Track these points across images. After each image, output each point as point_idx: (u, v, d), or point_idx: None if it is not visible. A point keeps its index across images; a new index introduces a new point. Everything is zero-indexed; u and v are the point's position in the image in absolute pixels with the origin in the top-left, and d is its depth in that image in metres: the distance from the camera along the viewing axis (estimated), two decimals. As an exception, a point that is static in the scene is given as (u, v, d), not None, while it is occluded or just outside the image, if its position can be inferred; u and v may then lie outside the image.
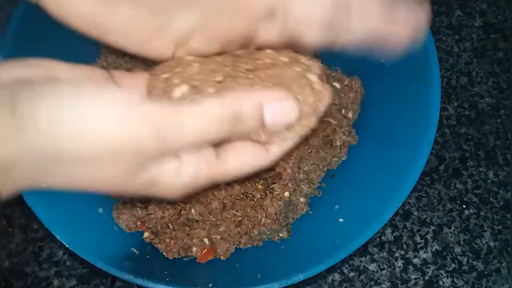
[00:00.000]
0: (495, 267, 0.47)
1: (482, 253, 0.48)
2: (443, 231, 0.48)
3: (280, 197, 0.42)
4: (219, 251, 0.41)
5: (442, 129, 0.52)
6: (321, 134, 0.44)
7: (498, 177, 0.50)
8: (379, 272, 0.47)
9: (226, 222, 0.41)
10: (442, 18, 0.57)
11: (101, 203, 0.42)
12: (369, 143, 0.44)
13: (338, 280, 0.46)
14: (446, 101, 0.53)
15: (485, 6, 0.58)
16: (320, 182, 0.44)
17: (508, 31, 0.57)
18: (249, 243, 0.42)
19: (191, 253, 0.41)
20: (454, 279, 0.47)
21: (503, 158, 0.51)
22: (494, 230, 0.48)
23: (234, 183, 0.42)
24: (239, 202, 0.42)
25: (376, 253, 0.47)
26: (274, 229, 0.42)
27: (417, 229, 0.48)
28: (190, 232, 0.41)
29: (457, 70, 0.55)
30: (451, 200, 0.50)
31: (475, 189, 0.50)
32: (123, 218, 0.41)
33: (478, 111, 0.53)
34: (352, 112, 0.45)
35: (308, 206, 0.43)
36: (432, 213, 0.49)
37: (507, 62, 0.55)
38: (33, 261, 0.46)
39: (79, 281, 0.45)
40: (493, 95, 0.54)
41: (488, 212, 0.49)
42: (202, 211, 0.41)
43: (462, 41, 0.56)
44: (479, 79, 0.55)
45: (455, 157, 0.51)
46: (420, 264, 0.47)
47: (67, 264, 0.46)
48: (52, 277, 0.45)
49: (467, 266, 0.47)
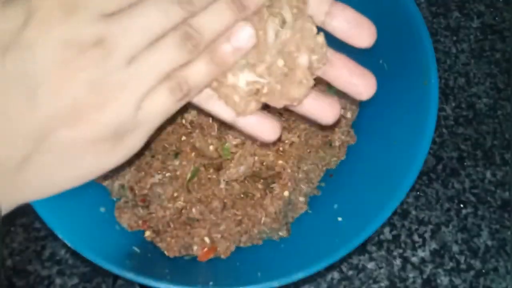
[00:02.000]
0: (493, 265, 0.47)
1: (480, 252, 0.48)
2: (441, 230, 0.49)
3: (279, 197, 0.42)
4: (219, 250, 0.41)
5: (440, 129, 0.52)
6: (320, 134, 0.44)
7: (496, 177, 0.51)
8: (377, 271, 0.47)
9: (227, 221, 0.42)
10: (440, 20, 0.57)
11: (103, 202, 0.42)
12: (368, 143, 0.44)
13: (337, 278, 0.46)
14: (444, 102, 0.54)
15: (482, 8, 0.58)
16: (319, 182, 0.45)
17: (505, 32, 0.57)
18: (249, 241, 0.42)
19: (192, 252, 0.41)
20: (452, 278, 0.47)
21: (501, 158, 0.52)
22: (491, 229, 0.49)
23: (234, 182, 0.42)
24: (239, 201, 0.42)
25: (375, 252, 0.48)
26: (274, 228, 0.42)
27: (415, 228, 0.49)
28: (191, 231, 0.41)
29: (455, 71, 0.55)
30: (449, 199, 0.50)
31: (473, 189, 0.50)
32: (125, 217, 0.42)
33: (475, 112, 0.53)
34: (351, 112, 0.46)
35: (308, 205, 0.43)
36: (430, 212, 0.49)
37: (504, 63, 0.56)
38: (35, 259, 0.46)
39: (81, 279, 0.46)
40: (491, 95, 0.54)
41: (485, 211, 0.49)
42: (202, 210, 0.42)
43: (460, 42, 0.56)
44: (477, 80, 0.55)
45: (452, 157, 0.52)
46: (418, 262, 0.47)
47: (69, 262, 0.46)
48: (54, 275, 0.46)
49: (465, 265, 0.47)
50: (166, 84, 0.23)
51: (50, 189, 0.23)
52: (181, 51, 0.23)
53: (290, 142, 0.43)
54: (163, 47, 0.22)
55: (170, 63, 0.23)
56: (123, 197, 0.43)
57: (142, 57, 0.22)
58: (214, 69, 0.24)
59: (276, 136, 0.27)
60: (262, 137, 0.27)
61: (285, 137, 0.43)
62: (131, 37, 0.22)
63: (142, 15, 0.22)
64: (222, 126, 0.43)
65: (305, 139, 0.44)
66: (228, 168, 0.42)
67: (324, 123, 0.28)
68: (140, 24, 0.22)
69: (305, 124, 0.44)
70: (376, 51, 0.44)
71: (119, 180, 0.43)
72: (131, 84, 0.22)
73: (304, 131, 0.44)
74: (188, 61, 0.23)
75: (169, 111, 0.24)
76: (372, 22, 0.27)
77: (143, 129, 0.24)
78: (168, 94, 0.23)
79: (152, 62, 0.22)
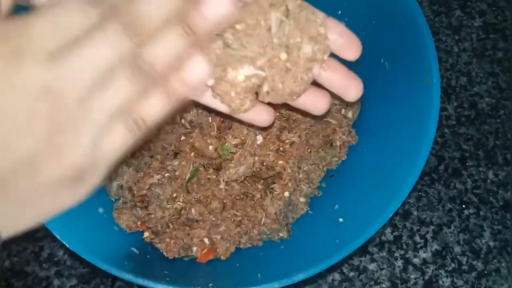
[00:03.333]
0: (495, 266, 0.47)
1: (482, 253, 0.48)
2: (443, 231, 0.48)
3: (280, 197, 0.42)
4: (219, 251, 0.41)
5: (441, 129, 0.52)
6: (321, 134, 0.44)
7: (498, 177, 0.50)
8: (379, 272, 0.47)
9: (226, 222, 0.41)
10: (442, 18, 0.57)
11: (101, 202, 0.42)
12: (369, 143, 0.44)
13: (338, 279, 0.46)
14: (446, 101, 0.54)
15: (484, 6, 0.58)
16: (320, 182, 0.44)
17: (507, 31, 0.57)
18: (249, 242, 0.42)
19: (191, 253, 0.41)
20: (454, 279, 0.47)
21: (503, 158, 0.51)
22: (493, 230, 0.49)
23: (234, 182, 0.42)
24: (239, 202, 0.42)
25: (376, 253, 0.47)
26: (274, 229, 0.42)
27: (417, 229, 0.48)
28: (190, 232, 0.41)
29: (456, 70, 0.55)
30: (450, 200, 0.50)
31: (475, 189, 0.50)
32: (124, 218, 0.41)
33: (477, 111, 0.53)
34: (352, 112, 0.46)
35: (308, 206, 0.43)
36: (431, 213, 0.49)
37: (506, 62, 0.55)
38: (33, 260, 0.46)
39: (80, 280, 0.45)
40: (493, 95, 0.54)
41: (487, 212, 0.49)
42: (202, 211, 0.41)
43: (461, 41, 0.56)
44: (479, 79, 0.55)
45: (454, 157, 0.51)
46: (420, 264, 0.47)
47: (67, 263, 0.46)
48: (52, 276, 0.45)
49: (467, 266, 0.47)
50: (121, 120, 0.22)
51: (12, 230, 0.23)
52: (132, 84, 0.22)
53: (290, 142, 0.43)
54: (114, 83, 0.22)
55: (123, 99, 0.22)
56: (122, 198, 0.43)
57: (93, 97, 0.21)
58: (168, 101, 0.23)
59: (270, 120, 0.30)
60: (257, 123, 0.30)
61: (285, 137, 0.43)
62: (80, 80, 0.21)
63: (89, 52, 0.21)
64: (221, 125, 0.42)
65: (306, 139, 0.44)
66: (228, 168, 0.41)
67: (315, 113, 0.31)
68: (88, 63, 0.21)
69: (305, 124, 0.44)
70: (377, 51, 0.44)
71: (117, 181, 0.43)
72: (84, 126, 0.21)
73: (305, 130, 0.44)
74: (141, 94, 0.23)
75: (127, 145, 0.23)
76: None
77: (102, 166, 0.23)
78: (124, 131, 0.23)
79: (104, 100, 0.21)
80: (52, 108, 0.20)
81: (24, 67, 0.20)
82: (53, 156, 0.21)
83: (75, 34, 0.21)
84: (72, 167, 0.21)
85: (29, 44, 0.20)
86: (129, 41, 0.21)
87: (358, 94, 0.31)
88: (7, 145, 0.20)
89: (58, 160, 0.21)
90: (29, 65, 0.20)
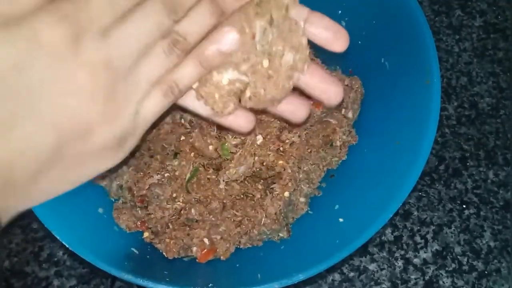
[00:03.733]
0: (495, 267, 0.47)
1: (482, 253, 0.48)
2: (443, 231, 0.48)
3: (280, 197, 0.42)
4: (219, 251, 0.41)
5: (442, 129, 0.52)
6: (321, 134, 0.44)
7: (498, 177, 0.50)
8: (379, 272, 0.47)
9: (226, 222, 0.41)
10: (442, 18, 0.57)
11: (101, 203, 0.42)
12: (369, 143, 0.44)
13: (338, 280, 0.46)
14: (446, 101, 0.53)
15: (485, 6, 0.58)
16: (320, 182, 0.44)
17: (508, 31, 0.57)
18: (249, 243, 0.42)
19: (191, 253, 0.41)
20: (454, 279, 0.47)
21: (503, 158, 0.51)
22: (494, 230, 0.48)
23: (234, 183, 0.42)
24: (239, 202, 0.42)
25: (376, 253, 0.47)
26: (274, 229, 0.42)
27: (417, 229, 0.48)
28: (190, 232, 0.41)
29: (457, 70, 0.55)
30: (451, 200, 0.50)
31: (475, 189, 0.50)
32: (123, 218, 0.41)
33: (478, 111, 0.53)
34: (352, 112, 0.45)
35: (308, 206, 0.43)
36: (432, 213, 0.49)
37: (507, 62, 0.55)
38: (33, 261, 0.46)
39: (79, 281, 0.45)
40: (493, 95, 0.54)
41: (488, 212, 0.49)
42: (202, 211, 0.41)
43: (462, 41, 0.56)
44: (479, 79, 0.55)
45: (455, 157, 0.51)
46: (420, 264, 0.47)
47: (67, 264, 0.46)
48: (52, 277, 0.45)
49: (467, 266, 0.47)
50: (159, 88, 0.25)
51: (52, 194, 0.25)
52: (170, 56, 0.25)
53: (290, 142, 0.43)
54: (154, 55, 0.24)
55: (161, 69, 0.25)
56: (122, 198, 0.43)
57: (137, 68, 0.24)
58: (201, 70, 0.27)
59: (250, 127, 0.30)
60: (238, 130, 0.30)
61: (285, 137, 0.42)
62: (129, 52, 0.23)
63: (135, 27, 0.23)
64: (221, 125, 0.42)
65: (306, 139, 0.43)
66: (228, 168, 0.41)
67: (294, 121, 0.31)
68: (134, 37, 0.23)
69: (305, 124, 0.44)
70: (378, 50, 0.44)
71: (117, 181, 0.43)
72: (134, 94, 0.24)
73: (305, 131, 0.43)
74: (176, 65, 0.26)
75: (162, 111, 0.26)
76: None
77: (140, 130, 0.26)
78: (161, 97, 0.26)
79: (146, 70, 0.24)
80: (110, 79, 0.23)
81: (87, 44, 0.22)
82: (106, 123, 0.23)
83: (123, 10, 0.23)
84: (119, 133, 0.24)
85: (88, 21, 0.22)
86: (168, 18, 0.24)
87: (338, 98, 0.30)
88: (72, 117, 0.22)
89: (109, 127, 0.24)
90: (90, 42, 0.22)
